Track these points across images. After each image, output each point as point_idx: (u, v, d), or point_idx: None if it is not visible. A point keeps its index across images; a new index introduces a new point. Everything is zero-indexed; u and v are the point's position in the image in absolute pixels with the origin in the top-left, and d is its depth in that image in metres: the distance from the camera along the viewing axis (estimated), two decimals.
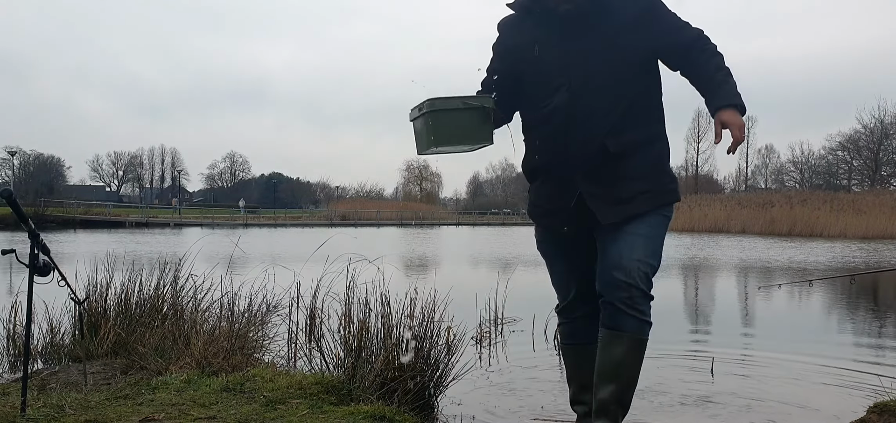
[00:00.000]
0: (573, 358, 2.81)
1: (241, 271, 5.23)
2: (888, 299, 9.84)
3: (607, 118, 2.44)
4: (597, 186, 2.47)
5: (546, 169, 2.58)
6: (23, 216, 2.62)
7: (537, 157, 2.59)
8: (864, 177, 57.70)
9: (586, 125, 2.44)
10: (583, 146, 2.44)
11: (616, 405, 2.50)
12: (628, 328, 2.44)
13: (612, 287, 2.45)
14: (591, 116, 2.44)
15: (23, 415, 2.58)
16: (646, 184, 2.49)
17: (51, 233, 27.47)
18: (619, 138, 2.45)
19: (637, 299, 2.43)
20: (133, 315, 4.49)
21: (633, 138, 2.47)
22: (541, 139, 2.57)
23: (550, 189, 2.61)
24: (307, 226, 46.31)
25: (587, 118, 2.44)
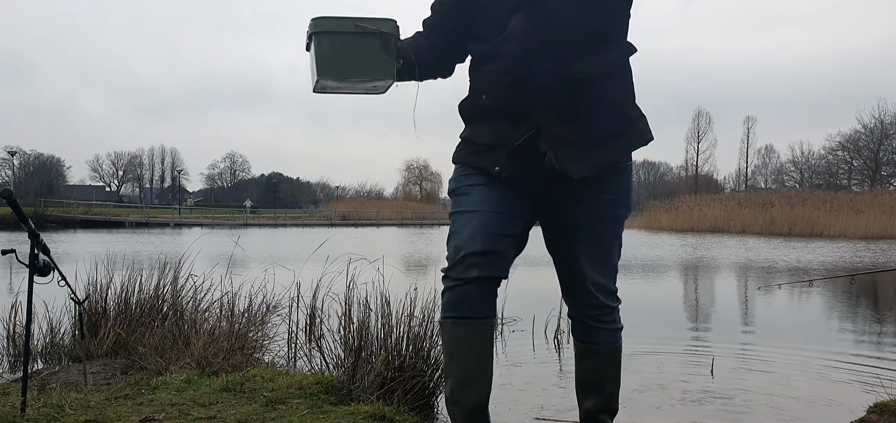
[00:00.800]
0: (456, 338, 2.16)
1: (241, 271, 5.23)
2: (888, 299, 9.83)
3: (574, 38, 2.04)
4: (562, 125, 2.05)
5: (496, 109, 2.13)
6: (23, 216, 2.61)
7: (486, 97, 2.14)
8: (865, 177, 57.68)
9: (549, 50, 2.03)
10: (545, 77, 2.04)
11: (603, 412, 2.36)
12: (601, 342, 2.32)
13: (582, 306, 2.30)
14: (554, 39, 2.04)
15: (23, 415, 2.58)
16: (617, 122, 2.13)
17: (51, 233, 27.48)
18: (590, 61, 2.05)
19: (606, 314, 2.30)
20: (133, 315, 4.50)
21: (604, 62, 2.08)
22: (493, 75, 2.12)
23: (496, 127, 2.12)
24: (307, 226, 46.31)
25: (549, 42, 2.03)
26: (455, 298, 2.11)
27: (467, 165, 2.19)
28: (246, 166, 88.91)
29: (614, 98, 2.12)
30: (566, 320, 6.10)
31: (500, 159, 2.10)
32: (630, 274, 12.62)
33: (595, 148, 2.08)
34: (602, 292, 2.26)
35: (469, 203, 2.13)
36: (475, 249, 2.07)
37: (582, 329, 2.34)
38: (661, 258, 16.89)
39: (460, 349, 2.15)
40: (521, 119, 2.07)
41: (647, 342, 5.60)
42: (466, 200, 2.15)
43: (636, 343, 5.55)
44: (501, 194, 2.12)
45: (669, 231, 37.12)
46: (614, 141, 2.12)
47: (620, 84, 2.15)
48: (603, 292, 2.26)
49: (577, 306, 2.32)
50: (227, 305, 4.38)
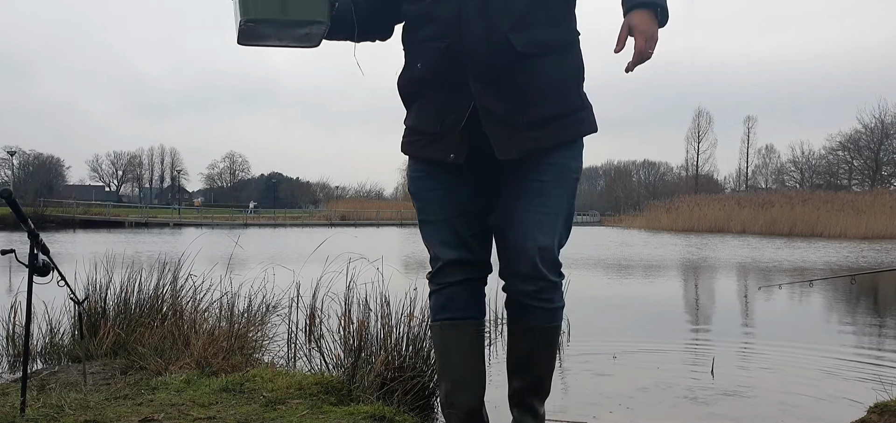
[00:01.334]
0: (447, 340, 2.14)
1: (241, 271, 5.22)
2: (888, 299, 9.83)
3: (513, 6, 1.89)
4: (495, 99, 1.90)
5: (431, 81, 1.97)
6: (22, 216, 2.61)
7: (420, 65, 1.99)
8: (865, 177, 57.69)
9: (484, 15, 1.88)
10: (480, 43, 1.88)
11: (531, 395, 2.15)
12: (536, 321, 2.05)
13: (516, 279, 2.02)
14: (491, 4, 1.89)
15: (22, 415, 2.57)
16: (556, 106, 1.94)
17: (50, 233, 27.48)
18: (528, 34, 1.89)
19: (544, 291, 2.01)
20: (132, 315, 4.49)
21: (545, 38, 1.92)
22: (427, 41, 1.97)
23: (437, 107, 1.98)
24: (307, 226, 46.30)
25: (486, 7, 1.89)
26: (442, 301, 2.11)
27: (420, 159, 2.07)
28: (245, 166, 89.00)
29: (554, 80, 1.94)
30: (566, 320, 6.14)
31: (450, 146, 1.96)
32: (630, 274, 12.61)
33: (528, 129, 1.91)
34: (545, 262, 1.98)
35: (432, 213, 2.08)
36: (451, 258, 2.06)
37: (516, 307, 2.08)
38: (662, 258, 16.88)
39: (452, 352, 2.13)
40: (459, 93, 1.92)
41: (647, 342, 5.60)
42: (429, 209, 2.09)
43: (636, 343, 5.55)
44: (460, 195, 2.04)
45: (669, 231, 37.12)
46: (554, 126, 1.94)
47: (563, 66, 1.96)
48: (546, 260, 1.98)
49: (513, 280, 2.04)
50: (226, 305, 4.38)
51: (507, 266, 2.04)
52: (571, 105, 1.98)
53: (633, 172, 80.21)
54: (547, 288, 2.01)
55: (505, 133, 1.91)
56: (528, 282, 1.99)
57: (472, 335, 2.13)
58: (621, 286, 10.78)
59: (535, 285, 1.99)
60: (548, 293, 2.02)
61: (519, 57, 1.88)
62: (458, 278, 2.07)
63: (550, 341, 2.11)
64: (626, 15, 1.87)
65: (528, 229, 1.96)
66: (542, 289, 2.00)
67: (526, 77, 1.90)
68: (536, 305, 2.03)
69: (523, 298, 2.02)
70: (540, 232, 1.96)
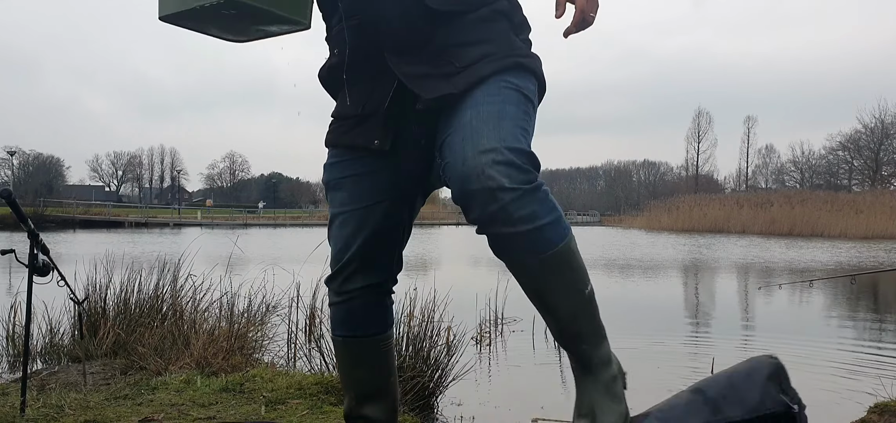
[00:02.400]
0: (348, 355, 1.88)
1: (241, 271, 5.22)
2: (888, 299, 9.83)
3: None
4: (417, 65, 1.65)
5: (350, 64, 1.73)
6: (22, 216, 2.61)
7: (336, 51, 1.77)
8: (865, 177, 57.72)
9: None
10: (392, 9, 1.65)
11: (571, 340, 1.64)
12: (522, 252, 1.54)
13: (472, 208, 1.53)
14: None
15: (22, 415, 2.57)
16: (487, 47, 1.67)
17: (50, 233, 27.48)
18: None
19: (511, 204, 1.48)
20: (132, 315, 4.49)
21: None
22: (337, 24, 1.76)
23: (358, 90, 1.73)
24: (307, 226, 46.31)
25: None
26: (342, 314, 1.83)
27: (338, 146, 1.78)
28: (245, 166, 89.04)
29: (482, 32, 1.67)
30: None
31: (373, 130, 1.69)
32: (631, 274, 12.61)
33: (456, 75, 1.62)
34: (498, 165, 1.49)
35: (340, 201, 1.77)
36: (352, 255, 1.76)
37: (492, 245, 1.58)
38: (662, 258, 16.89)
39: (356, 366, 1.88)
40: (380, 72, 1.67)
41: (646, 342, 5.60)
42: (338, 197, 1.79)
43: (636, 343, 5.54)
44: (374, 183, 1.74)
45: (669, 231, 37.12)
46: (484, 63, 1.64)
47: (492, 16, 1.69)
48: (499, 162, 1.49)
49: (470, 212, 1.56)
50: (226, 305, 4.38)
51: (455, 189, 1.56)
52: (512, 45, 1.68)
53: (633, 172, 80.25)
54: (514, 200, 1.48)
55: (430, 81, 1.62)
56: (484, 202, 1.50)
57: (378, 349, 1.86)
58: (621, 286, 10.78)
59: (496, 203, 1.48)
60: (518, 208, 1.49)
61: (436, 16, 1.63)
62: (358, 284, 1.77)
63: (555, 269, 1.57)
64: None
65: (465, 138, 1.55)
66: (508, 203, 1.48)
67: (447, 36, 1.64)
68: (510, 230, 1.51)
69: (491, 227, 1.52)
70: (480, 136, 1.53)
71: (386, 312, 1.86)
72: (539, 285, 1.60)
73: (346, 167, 1.77)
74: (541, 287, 1.60)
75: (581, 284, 1.62)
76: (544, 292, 1.61)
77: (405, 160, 1.73)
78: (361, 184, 1.75)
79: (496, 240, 1.55)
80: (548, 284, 1.59)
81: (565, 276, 1.59)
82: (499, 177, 1.48)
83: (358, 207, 1.75)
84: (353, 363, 1.88)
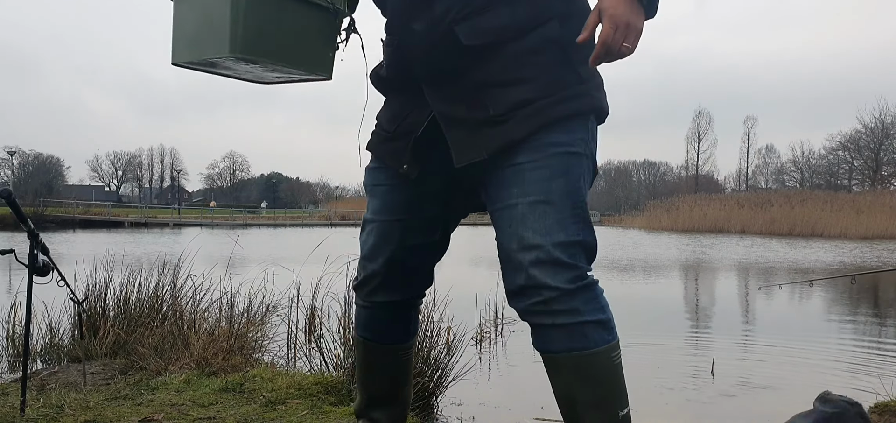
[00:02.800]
0: (366, 358, 1.88)
1: (241, 271, 5.22)
2: (888, 299, 9.83)
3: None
4: (451, 102, 1.52)
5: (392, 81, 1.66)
6: (22, 216, 2.61)
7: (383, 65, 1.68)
8: (865, 177, 57.70)
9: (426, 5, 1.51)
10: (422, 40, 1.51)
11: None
12: (557, 348, 1.50)
13: (517, 296, 1.52)
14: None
15: (22, 415, 2.57)
16: (530, 89, 1.48)
17: (50, 233, 27.47)
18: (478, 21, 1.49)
19: (554, 301, 1.46)
20: (132, 315, 4.49)
21: (499, 23, 1.49)
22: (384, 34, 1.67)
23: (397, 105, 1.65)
24: (307, 226, 46.31)
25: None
26: (366, 318, 1.83)
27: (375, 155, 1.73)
28: (245, 166, 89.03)
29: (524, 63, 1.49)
30: None
31: (403, 154, 1.60)
32: (631, 274, 12.61)
33: (491, 126, 1.49)
34: (543, 265, 1.45)
35: (373, 208, 1.72)
36: (377, 269, 1.72)
37: (533, 332, 1.56)
38: (662, 258, 16.89)
39: (374, 369, 1.87)
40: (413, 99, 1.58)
41: (646, 342, 5.59)
42: (371, 203, 1.74)
43: (636, 343, 5.54)
44: (408, 198, 1.67)
45: (669, 231, 37.12)
46: (524, 113, 1.48)
47: (538, 45, 1.50)
48: (545, 262, 1.45)
49: (513, 295, 1.55)
50: (226, 305, 4.38)
51: (505, 279, 1.56)
52: (559, 82, 1.50)
53: (633, 172, 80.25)
54: (557, 297, 1.46)
55: (463, 136, 1.50)
56: (526, 296, 1.49)
57: (398, 357, 1.85)
58: (621, 286, 10.78)
59: (539, 297, 1.47)
60: (561, 304, 1.46)
61: (466, 51, 1.48)
62: (381, 299, 1.76)
63: (590, 375, 1.48)
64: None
65: (511, 225, 1.49)
66: (551, 300, 1.46)
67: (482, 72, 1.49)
68: (548, 322, 1.48)
69: (529, 317, 1.52)
70: (525, 228, 1.47)
71: (409, 323, 1.84)
72: (571, 390, 1.50)
73: (379, 175, 1.72)
74: (572, 393, 1.50)
75: (616, 404, 1.49)
76: (574, 401, 1.50)
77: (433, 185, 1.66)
78: (391, 196, 1.69)
79: (536, 331, 1.54)
80: (579, 391, 1.49)
81: (600, 387, 1.49)
82: (542, 277, 1.46)
83: (386, 218, 1.70)
84: (370, 365, 1.87)
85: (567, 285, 1.46)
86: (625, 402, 1.50)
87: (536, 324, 1.52)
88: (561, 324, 1.48)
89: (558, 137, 1.49)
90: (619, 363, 1.51)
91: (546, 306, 1.47)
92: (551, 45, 1.50)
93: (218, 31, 1.41)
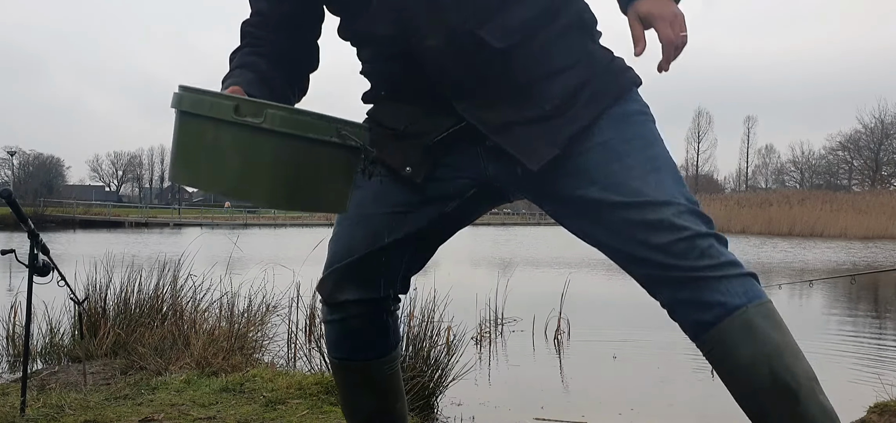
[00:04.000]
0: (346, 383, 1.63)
1: (241, 271, 5.23)
2: (888, 299, 9.83)
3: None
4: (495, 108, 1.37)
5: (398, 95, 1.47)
6: (22, 216, 2.61)
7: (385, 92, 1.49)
8: (865, 177, 57.72)
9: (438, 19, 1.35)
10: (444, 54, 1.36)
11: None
12: (739, 301, 1.28)
13: (661, 261, 1.29)
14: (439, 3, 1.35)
15: (22, 415, 2.58)
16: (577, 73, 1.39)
17: (50, 233, 27.47)
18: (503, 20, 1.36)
19: (713, 249, 1.29)
20: (132, 315, 4.49)
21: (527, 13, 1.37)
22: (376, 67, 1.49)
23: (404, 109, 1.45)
24: (307, 226, 46.31)
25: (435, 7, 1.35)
26: (337, 333, 1.55)
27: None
28: None
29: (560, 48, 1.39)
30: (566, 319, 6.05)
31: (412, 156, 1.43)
32: None
33: (556, 116, 1.36)
34: (683, 211, 1.29)
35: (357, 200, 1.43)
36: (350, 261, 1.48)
37: (679, 312, 1.32)
38: None
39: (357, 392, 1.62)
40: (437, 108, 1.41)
41: (646, 343, 5.60)
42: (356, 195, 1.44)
43: (636, 343, 5.54)
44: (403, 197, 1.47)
45: None
46: (584, 96, 1.37)
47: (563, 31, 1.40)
48: (681, 209, 1.29)
49: (647, 278, 1.33)
50: (226, 305, 4.38)
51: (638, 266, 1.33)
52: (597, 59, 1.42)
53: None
54: (715, 245, 1.29)
55: (523, 137, 1.35)
56: (683, 253, 1.27)
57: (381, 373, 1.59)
58: (621, 286, 10.78)
59: (696, 249, 1.27)
60: (722, 253, 1.29)
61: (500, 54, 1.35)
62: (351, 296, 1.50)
63: (777, 322, 1.32)
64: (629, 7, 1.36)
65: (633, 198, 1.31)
66: (709, 248, 1.28)
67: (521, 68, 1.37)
68: (718, 273, 1.28)
69: (696, 273, 1.27)
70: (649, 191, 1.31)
71: (388, 330, 1.57)
72: (769, 346, 1.29)
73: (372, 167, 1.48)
74: (772, 348, 1.29)
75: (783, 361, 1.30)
76: (779, 355, 1.30)
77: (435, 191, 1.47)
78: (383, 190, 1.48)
79: (703, 293, 1.28)
80: (781, 340, 1.31)
81: (765, 342, 1.29)
82: (692, 225, 1.29)
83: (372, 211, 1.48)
84: (353, 390, 1.62)
85: (705, 227, 1.30)
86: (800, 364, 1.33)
87: (703, 279, 1.27)
88: (731, 275, 1.29)
89: (631, 105, 1.41)
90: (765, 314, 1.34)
91: (710, 258, 1.27)
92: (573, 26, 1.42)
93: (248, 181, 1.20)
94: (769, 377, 1.28)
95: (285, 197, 1.23)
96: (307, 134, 1.17)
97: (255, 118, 1.14)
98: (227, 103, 1.16)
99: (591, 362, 4.82)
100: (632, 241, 1.31)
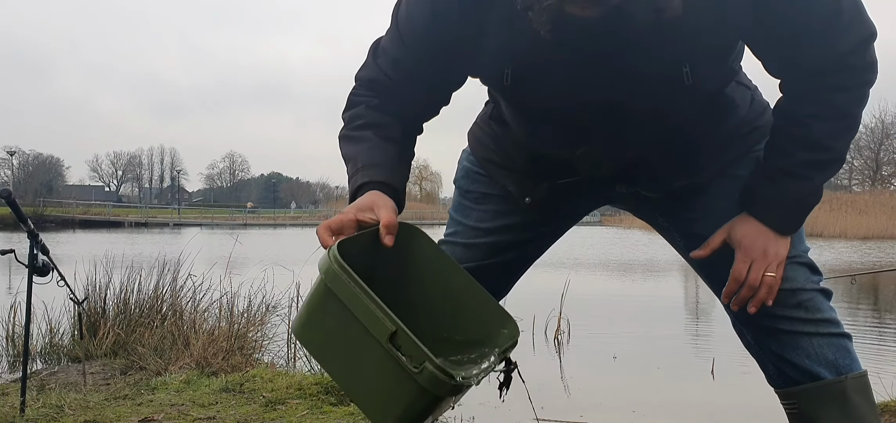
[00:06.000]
0: None
1: (241, 271, 5.22)
2: (888, 299, 9.83)
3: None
4: (658, 180, 1.38)
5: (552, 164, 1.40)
6: (22, 216, 2.61)
7: (520, 161, 1.44)
8: (865, 177, 57.72)
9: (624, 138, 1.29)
10: (652, 151, 1.35)
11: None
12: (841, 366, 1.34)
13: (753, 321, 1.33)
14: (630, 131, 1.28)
15: (22, 415, 2.57)
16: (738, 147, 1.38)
17: (50, 233, 27.47)
18: (689, 174, 1.36)
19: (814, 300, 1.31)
20: (132, 316, 4.50)
21: (707, 157, 1.37)
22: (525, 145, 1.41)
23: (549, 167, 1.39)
24: (307, 226, 46.32)
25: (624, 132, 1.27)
26: None
27: (486, 165, 1.48)
28: (245, 166, 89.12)
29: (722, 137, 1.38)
30: (566, 319, 6.03)
31: (536, 191, 1.41)
32: (630, 274, 12.62)
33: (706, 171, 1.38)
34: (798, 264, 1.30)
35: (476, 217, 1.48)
36: None
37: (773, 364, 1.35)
38: (662, 258, 16.89)
39: None
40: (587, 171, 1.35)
41: (646, 343, 5.60)
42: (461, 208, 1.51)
43: (636, 343, 5.55)
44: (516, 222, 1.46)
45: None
46: (738, 148, 1.39)
47: (735, 128, 1.39)
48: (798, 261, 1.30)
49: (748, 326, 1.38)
50: (226, 305, 4.38)
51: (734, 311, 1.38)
52: (751, 115, 1.42)
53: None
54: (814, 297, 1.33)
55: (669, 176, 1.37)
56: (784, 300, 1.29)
57: None
58: (621, 286, 10.78)
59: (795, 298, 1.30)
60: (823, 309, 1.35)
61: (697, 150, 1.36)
62: None
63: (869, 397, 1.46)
64: (737, 217, 1.30)
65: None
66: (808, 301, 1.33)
67: (683, 154, 1.36)
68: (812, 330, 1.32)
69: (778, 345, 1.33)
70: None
71: None
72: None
73: (482, 183, 1.49)
74: None
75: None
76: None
77: (548, 226, 1.48)
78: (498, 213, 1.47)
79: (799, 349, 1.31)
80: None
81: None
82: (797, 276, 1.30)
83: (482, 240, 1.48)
84: None
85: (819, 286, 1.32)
86: None
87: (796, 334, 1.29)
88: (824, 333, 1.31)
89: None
90: None
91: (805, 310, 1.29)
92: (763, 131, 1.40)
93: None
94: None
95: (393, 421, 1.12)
96: (450, 394, 1.09)
97: (409, 364, 1.04)
98: (384, 325, 1.05)
99: (591, 362, 4.82)
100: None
